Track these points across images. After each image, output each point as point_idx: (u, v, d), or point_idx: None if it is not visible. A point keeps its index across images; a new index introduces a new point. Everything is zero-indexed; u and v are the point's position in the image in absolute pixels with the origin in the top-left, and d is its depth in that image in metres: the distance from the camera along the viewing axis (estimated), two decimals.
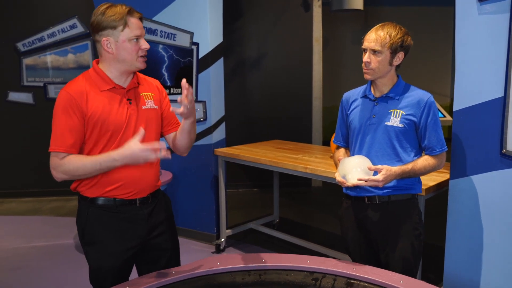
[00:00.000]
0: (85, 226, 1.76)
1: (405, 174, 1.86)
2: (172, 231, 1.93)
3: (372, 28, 1.90)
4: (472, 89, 2.08)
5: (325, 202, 5.21)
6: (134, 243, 1.78)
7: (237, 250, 3.73)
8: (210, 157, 3.76)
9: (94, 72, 1.71)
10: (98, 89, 1.68)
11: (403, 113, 1.88)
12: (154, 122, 1.80)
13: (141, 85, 1.80)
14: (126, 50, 1.66)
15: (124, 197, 1.74)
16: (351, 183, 1.83)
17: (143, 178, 1.77)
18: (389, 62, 1.87)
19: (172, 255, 1.92)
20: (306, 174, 2.96)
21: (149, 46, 1.70)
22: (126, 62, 1.68)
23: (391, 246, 1.94)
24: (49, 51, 5.25)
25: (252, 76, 5.64)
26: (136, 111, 1.74)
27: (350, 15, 6.29)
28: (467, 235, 2.18)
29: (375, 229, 1.96)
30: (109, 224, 1.75)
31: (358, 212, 2.01)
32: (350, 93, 2.09)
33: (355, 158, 1.89)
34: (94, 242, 1.76)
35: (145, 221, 1.80)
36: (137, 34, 1.65)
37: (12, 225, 4.44)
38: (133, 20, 1.65)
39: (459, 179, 2.17)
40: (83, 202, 1.77)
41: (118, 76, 1.72)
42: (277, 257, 1.91)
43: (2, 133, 5.32)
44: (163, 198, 1.93)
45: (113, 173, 1.70)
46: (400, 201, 1.94)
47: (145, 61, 1.73)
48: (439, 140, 1.89)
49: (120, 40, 1.64)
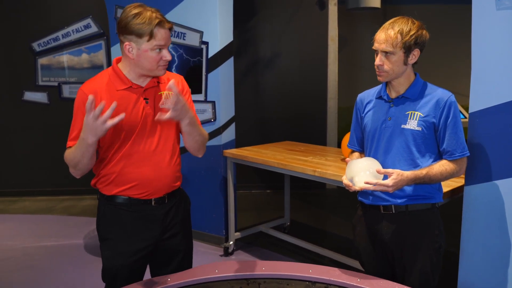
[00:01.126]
0: (100, 222, 1.78)
1: (419, 180, 1.70)
2: (186, 232, 1.90)
3: (381, 27, 1.75)
4: (489, 90, 1.95)
5: (339, 205, 5.08)
6: (147, 243, 1.77)
7: (246, 253, 3.65)
8: (219, 158, 3.70)
9: (112, 71, 1.70)
10: (114, 88, 1.67)
11: (421, 115, 1.74)
12: (173, 122, 1.76)
13: (162, 83, 1.76)
14: (147, 59, 1.63)
15: (139, 197, 1.73)
16: (358, 186, 1.68)
17: (158, 178, 1.74)
18: (404, 62, 1.73)
19: (184, 256, 1.89)
20: (315, 177, 2.86)
21: (170, 58, 1.67)
22: (145, 69, 1.67)
23: (407, 260, 1.81)
24: (64, 51, 5.28)
25: (265, 76, 5.56)
26: (152, 110, 1.71)
27: (367, 14, 6.14)
28: (483, 244, 2.05)
29: (391, 241, 1.82)
30: (123, 222, 1.75)
31: (372, 221, 1.88)
32: (365, 93, 1.96)
33: (363, 160, 1.75)
34: (106, 239, 1.77)
35: (160, 222, 1.78)
36: (161, 45, 1.62)
37: (23, 224, 4.47)
38: (162, 31, 1.61)
39: (474, 186, 2.05)
40: (102, 198, 1.78)
41: (137, 78, 1.70)
42: (278, 265, 1.83)
43: (18, 132, 5.38)
44: (183, 198, 1.91)
45: (128, 173, 1.70)
46: (418, 211, 1.79)
47: (166, 68, 1.70)
48: (460, 144, 1.73)
49: (142, 48, 1.61)
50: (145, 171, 1.71)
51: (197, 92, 3.71)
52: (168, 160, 1.77)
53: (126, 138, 1.68)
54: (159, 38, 1.60)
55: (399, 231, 1.80)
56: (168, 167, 1.77)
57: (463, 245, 2.14)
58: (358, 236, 1.97)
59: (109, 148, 1.70)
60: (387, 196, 1.80)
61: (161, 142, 1.73)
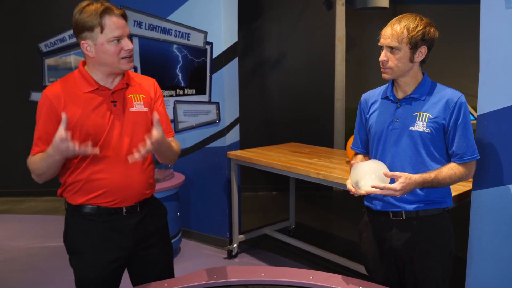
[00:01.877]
0: (68, 235, 1.68)
1: (427, 184, 1.63)
2: (164, 243, 1.81)
3: (388, 23, 1.69)
4: (497, 91, 1.87)
5: (346, 207, 5.01)
6: (119, 255, 1.68)
7: (250, 256, 3.61)
8: (223, 159, 3.66)
9: (78, 73, 1.62)
10: (80, 91, 1.59)
11: (430, 116, 1.66)
12: (144, 126, 1.68)
13: (132, 86, 1.69)
14: (106, 52, 1.54)
15: (108, 205, 1.64)
16: (364, 190, 1.59)
17: (128, 185, 1.65)
18: (410, 59, 1.66)
19: (164, 268, 1.80)
20: (319, 180, 2.80)
21: (132, 46, 1.58)
22: (108, 65, 1.58)
23: (419, 266, 1.74)
24: (71, 51, 5.29)
25: (272, 77, 5.51)
26: (121, 114, 1.63)
27: (375, 14, 6.06)
28: (491, 251, 1.98)
29: (401, 248, 1.75)
30: (92, 233, 1.65)
31: (381, 228, 1.80)
32: (370, 93, 1.88)
33: (369, 163, 1.65)
34: (76, 252, 1.67)
35: (132, 232, 1.69)
36: (116, 35, 1.53)
37: (28, 224, 4.48)
38: (112, 19, 1.52)
39: (482, 190, 1.97)
40: (69, 209, 1.68)
41: (104, 78, 1.62)
42: (278, 271, 1.78)
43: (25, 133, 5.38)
44: (157, 207, 1.82)
45: (96, 180, 1.61)
46: (430, 217, 1.73)
47: (131, 62, 1.61)
48: (470, 146, 1.67)
49: (98, 43, 1.53)
50: (114, 178, 1.61)
51: (201, 93, 3.68)
52: (139, 166, 1.67)
53: (93, 144, 1.56)
54: (111, 27, 1.51)
55: (410, 238, 1.74)
56: (139, 174, 1.67)
57: (471, 251, 2.06)
58: (365, 243, 1.90)
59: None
60: (397, 201, 1.73)
61: (131, 146, 1.62)
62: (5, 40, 5.26)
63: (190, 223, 3.95)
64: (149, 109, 1.71)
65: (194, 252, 3.72)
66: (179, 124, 3.84)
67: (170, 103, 3.85)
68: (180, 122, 3.84)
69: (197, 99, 3.72)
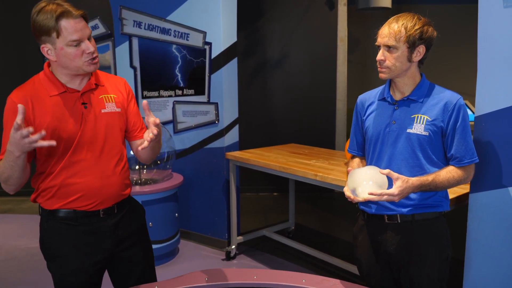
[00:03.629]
0: (44, 241, 1.63)
1: (425, 187, 1.59)
2: (143, 243, 1.79)
3: (386, 22, 1.67)
4: (496, 92, 1.84)
5: (347, 209, 4.96)
6: (99, 257, 1.65)
7: (248, 258, 3.58)
8: (222, 160, 3.64)
9: (44, 76, 1.55)
10: (47, 94, 1.53)
11: (428, 119, 1.63)
12: (117, 126, 1.65)
13: (101, 86, 1.64)
14: (67, 57, 1.46)
15: (85, 209, 1.60)
16: (362, 197, 1.55)
17: (105, 187, 1.62)
18: (408, 58, 1.63)
19: (145, 268, 1.79)
20: (316, 182, 2.77)
21: (93, 49, 1.50)
22: (71, 68, 1.51)
23: (414, 271, 1.71)
24: None
25: (273, 77, 5.49)
26: (93, 115, 1.58)
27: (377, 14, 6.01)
28: (490, 255, 1.94)
29: (396, 252, 1.72)
30: (70, 238, 1.61)
31: (375, 232, 1.77)
32: (366, 95, 1.85)
33: (366, 170, 1.61)
34: (55, 258, 1.63)
35: (111, 233, 1.66)
36: (74, 39, 1.44)
37: (30, 224, 4.47)
38: (70, 23, 1.43)
39: (480, 193, 1.93)
40: (44, 214, 1.64)
41: (70, 80, 1.56)
42: (270, 273, 1.76)
43: None
44: (135, 208, 1.79)
45: (71, 184, 1.57)
46: (425, 221, 1.69)
47: (96, 63, 1.53)
48: (469, 150, 1.64)
49: (57, 47, 1.45)
50: (90, 181, 1.57)
51: (200, 93, 3.67)
52: (114, 167, 1.64)
53: (65, 148, 1.53)
54: (69, 31, 1.43)
55: (405, 242, 1.70)
56: (115, 175, 1.64)
57: (468, 254, 2.03)
58: (359, 247, 1.87)
59: (47, 160, 1.55)
60: (392, 205, 1.70)
61: (105, 148, 1.60)
62: (9, 40, 5.28)
63: (189, 224, 3.93)
64: (121, 109, 1.67)
65: (193, 253, 3.70)
66: (178, 125, 3.83)
67: (169, 103, 3.84)
68: (179, 122, 3.82)
69: (196, 100, 3.70)
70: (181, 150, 3.85)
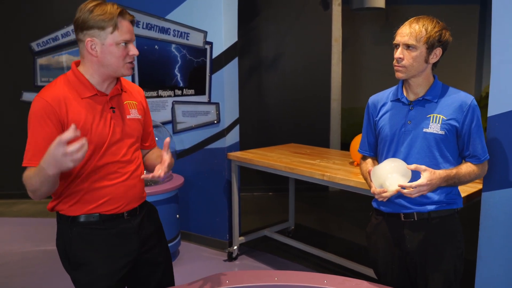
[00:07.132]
0: (69, 249, 1.58)
1: (450, 180, 1.65)
2: (163, 243, 1.80)
3: (405, 22, 1.70)
4: (510, 93, 1.87)
5: (343, 208, 5.00)
6: (126, 260, 1.63)
7: (250, 259, 3.57)
8: (223, 161, 3.61)
9: (73, 76, 1.52)
10: (78, 96, 1.50)
11: (443, 118, 1.67)
12: (138, 132, 1.67)
13: (125, 92, 1.65)
14: (113, 54, 1.48)
15: (112, 212, 1.59)
16: (393, 189, 1.58)
17: (130, 190, 1.62)
18: (425, 59, 1.66)
19: (166, 269, 1.78)
20: (324, 182, 2.78)
21: (137, 53, 1.54)
22: (111, 67, 1.51)
23: (431, 268, 1.73)
24: (63, 51, 5.19)
25: (268, 77, 5.48)
26: (120, 121, 1.58)
27: (371, 14, 6.07)
28: (502, 255, 1.97)
29: (414, 251, 1.74)
30: (97, 242, 1.58)
31: (392, 230, 1.78)
32: (378, 96, 1.87)
33: (388, 163, 1.63)
34: (82, 265, 1.58)
35: (136, 234, 1.65)
36: (127, 39, 1.49)
37: (22, 227, 4.38)
38: (125, 23, 1.49)
39: (493, 192, 1.96)
40: (64, 222, 1.58)
41: (100, 82, 1.55)
42: (291, 275, 1.75)
43: (16, 134, 5.27)
44: (151, 208, 1.80)
45: (98, 188, 1.55)
46: (441, 218, 1.72)
47: (132, 68, 1.57)
48: (483, 148, 1.71)
49: (106, 43, 1.47)
50: (116, 184, 1.57)
51: (200, 93, 3.63)
52: (136, 170, 1.65)
53: (95, 151, 1.52)
54: (124, 30, 1.47)
55: (423, 239, 1.73)
56: (137, 177, 1.65)
57: (480, 253, 2.05)
58: (374, 246, 1.87)
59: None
60: (408, 203, 1.73)
61: (129, 151, 1.61)
62: None
63: (190, 225, 3.89)
64: (142, 116, 1.70)
65: (194, 254, 3.67)
66: (177, 125, 3.79)
67: (168, 104, 3.79)
68: (178, 122, 3.78)
69: (196, 100, 3.67)
70: (181, 150, 3.81)
